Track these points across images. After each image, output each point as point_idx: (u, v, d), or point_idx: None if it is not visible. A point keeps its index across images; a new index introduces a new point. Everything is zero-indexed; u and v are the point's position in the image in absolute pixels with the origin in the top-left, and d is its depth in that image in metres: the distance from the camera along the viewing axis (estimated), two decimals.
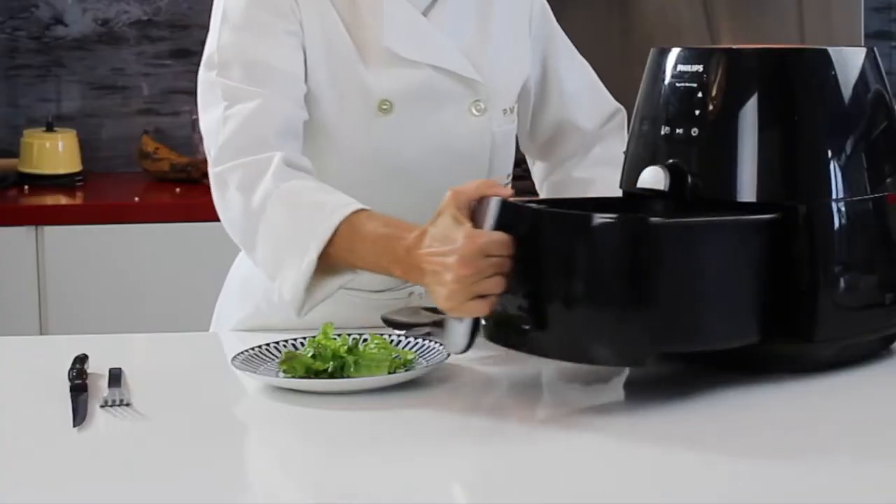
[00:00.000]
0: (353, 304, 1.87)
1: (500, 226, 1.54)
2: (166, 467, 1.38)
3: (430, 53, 1.84)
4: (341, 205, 1.68)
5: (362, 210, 1.67)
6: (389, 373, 1.59)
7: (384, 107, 1.82)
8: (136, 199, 3.31)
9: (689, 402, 1.54)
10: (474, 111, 1.87)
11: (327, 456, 1.41)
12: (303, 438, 1.46)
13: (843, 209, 1.60)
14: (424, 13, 1.86)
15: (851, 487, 1.30)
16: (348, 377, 1.58)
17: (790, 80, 1.62)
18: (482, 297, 1.53)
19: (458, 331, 1.56)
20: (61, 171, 3.44)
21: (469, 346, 1.57)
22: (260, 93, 1.78)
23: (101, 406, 1.53)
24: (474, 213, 1.57)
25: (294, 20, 1.82)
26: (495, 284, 1.53)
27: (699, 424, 1.47)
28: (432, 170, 1.83)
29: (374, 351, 1.61)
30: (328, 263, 1.68)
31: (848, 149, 1.61)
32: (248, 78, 1.79)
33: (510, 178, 1.98)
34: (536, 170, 2.12)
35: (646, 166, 1.65)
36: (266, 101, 1.78)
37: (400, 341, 1.68)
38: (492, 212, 1.55)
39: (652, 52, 1.71)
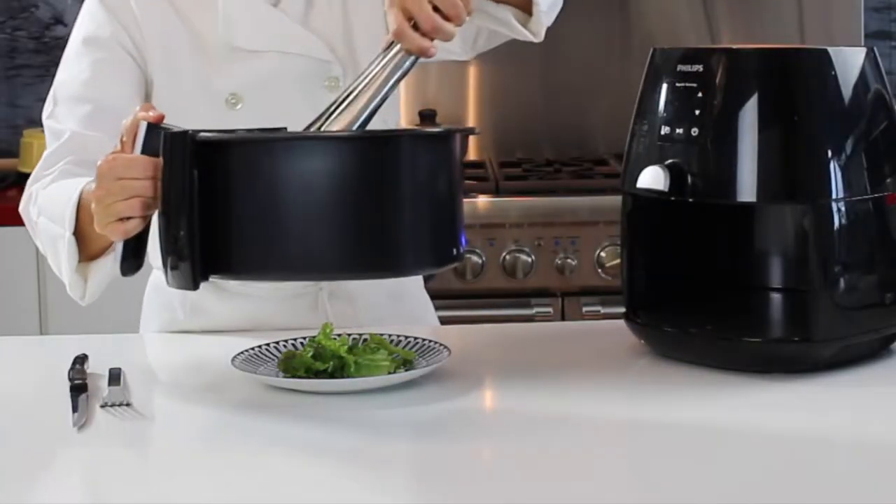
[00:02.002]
0: (271, 308, 1.90)
1: (147, 149, 1.53)
2: (166, 467, 1.38)
3: (274, 40, 1.85)
4: (82, 182, 1.70)
5: None
6: (389, 373, 1.59)
7: (232, 100, 1.83)
8: None
9: (689, 402, 1.54)
10: (328, 88, 1.86)
11: (327, 456, 1.40)
12: (302, 439, 1.46)
13: (843, 209, 1.60)
14: (275, 3, 1.87)
15: (851, 487, 1.30)
16: (348, 377, 1.58)
17: (790, 80, 1.62)
18: (126, 219, 1.54)
19: (117, 252, 1.59)
20: None
21: (127, 269, 1.59)
22: (66, 129, 1.83)
23: (101, 406, 1.53)
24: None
25: (116, 47, 1.86)
26: (129, 207, 1.53)
27: (699, 424, 1.47)
28: None
29: (374, 351, 1.61)
30: (90, 243, 1.70)
31: (848, 149, 1.61)
32: (63, 115, 1.85)
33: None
34: None
35: (646, 166, 1.65)
36: (73, 137, 1.82)
37: (400, 341, 1.68)
38: (138, 135, 1.55)
39: (652, 52, 1.71)
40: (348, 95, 1.60)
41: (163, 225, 1.50)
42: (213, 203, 1.48)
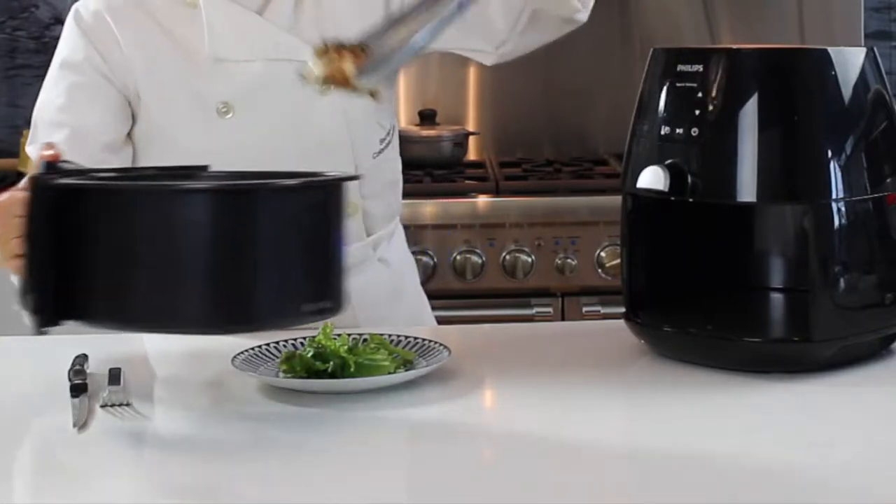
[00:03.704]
0: None
1: None
2: (166, 467, 1.38)
3: (260, 48, 1.86)
4: None
5: None
6: (389, 373, 1.59)
7: (223, 109, 1.84)
8: None
9: (689, 402, 1.54)
10: (320, 91, 1.86)
11: (327, 456, 1.41)
12: (303, 438, 1.46)
13: (842, 209, 1.60)
14: (260, 11, 1.87)
15: (851, 487, 1.30)
16: (348, 377, 1.58)
17: (790, 80, 1.62)
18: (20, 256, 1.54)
19: (18, 287, 1.58)
20: None
21: (23, 306, 1.56)
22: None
23: (101, 406, 1.53)
24: None
25: (90, 71, 1.87)
26: (19, 244, 1.53)
27: (698, 424, 1.47)
28: (292, 158, 1.83)
29: (375, 351, 1.61)
30: None
31: (848, 149, 1.61)
32: (38, 137, 1.87)
33: (390, 133, 1.96)
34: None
35: (646, 166, 1.65)
36: None
37: (400, 341, 1.68)
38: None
39: (652, 52, 1.71)
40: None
41: (23, 266, 1.50)
42: (71, 248, 1.47)
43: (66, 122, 1.85)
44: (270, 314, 1.49)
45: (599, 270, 2.93)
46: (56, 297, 1.48)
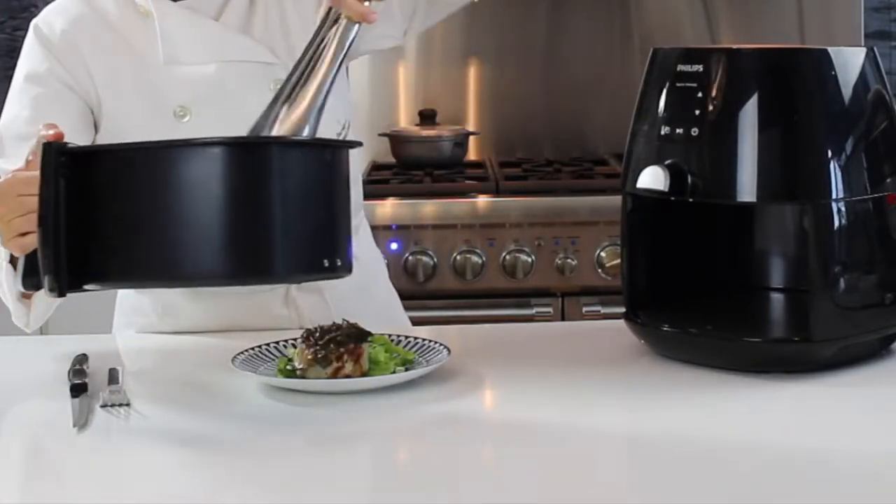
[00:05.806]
0: (243, 306, 1.91)
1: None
2: (166, 467, 1.39)
3: (214, 50, 1.87)
4: None
5: None
6: (390, 373, 1.59)
7: (180, 113, 1.84)
8: None
9: (688, 402, 1.54)
10: (273, 90, 1.87)
11: (326, 455, 1.41)
12: (303, 438, 1.46)
13: (842, 209, 1.60)
14: (217, 17, 1.88)
15: (851, 487, 1.30)
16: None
17: (790, 80, 1.62)
18: (25, 234, 1.55)
19: (19, 267, 1.59)
20: None
21: (30, 285, 1.59)
22: (6, 169, 1.81)
23: (101, 406, 1.53)
24: None
25: (54, 82, 1.87)
26: (26, 222, 1.54)
27: (698, 424, 1.47)
28: None
29: (375, 351, 1.61)
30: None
31: (848, 149, 1.61)
32: (11, 155, 1.85)
33: (346, 128, 1.97)
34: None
35: (646, 166, 1.65)
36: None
37: (400, 341, 1.68)
38: (38, 153, 1.55)
39: (652, 52, 1.71)
40: (294, 81, 1.61)
41: (39, 234, 1.51)
42: (86, 213, 1.49)
43: (34, 134, 1.84)
44: (287, 268, 1.51)
45: (599, 270, 2.93)
46: (71, 263, 1.49)
